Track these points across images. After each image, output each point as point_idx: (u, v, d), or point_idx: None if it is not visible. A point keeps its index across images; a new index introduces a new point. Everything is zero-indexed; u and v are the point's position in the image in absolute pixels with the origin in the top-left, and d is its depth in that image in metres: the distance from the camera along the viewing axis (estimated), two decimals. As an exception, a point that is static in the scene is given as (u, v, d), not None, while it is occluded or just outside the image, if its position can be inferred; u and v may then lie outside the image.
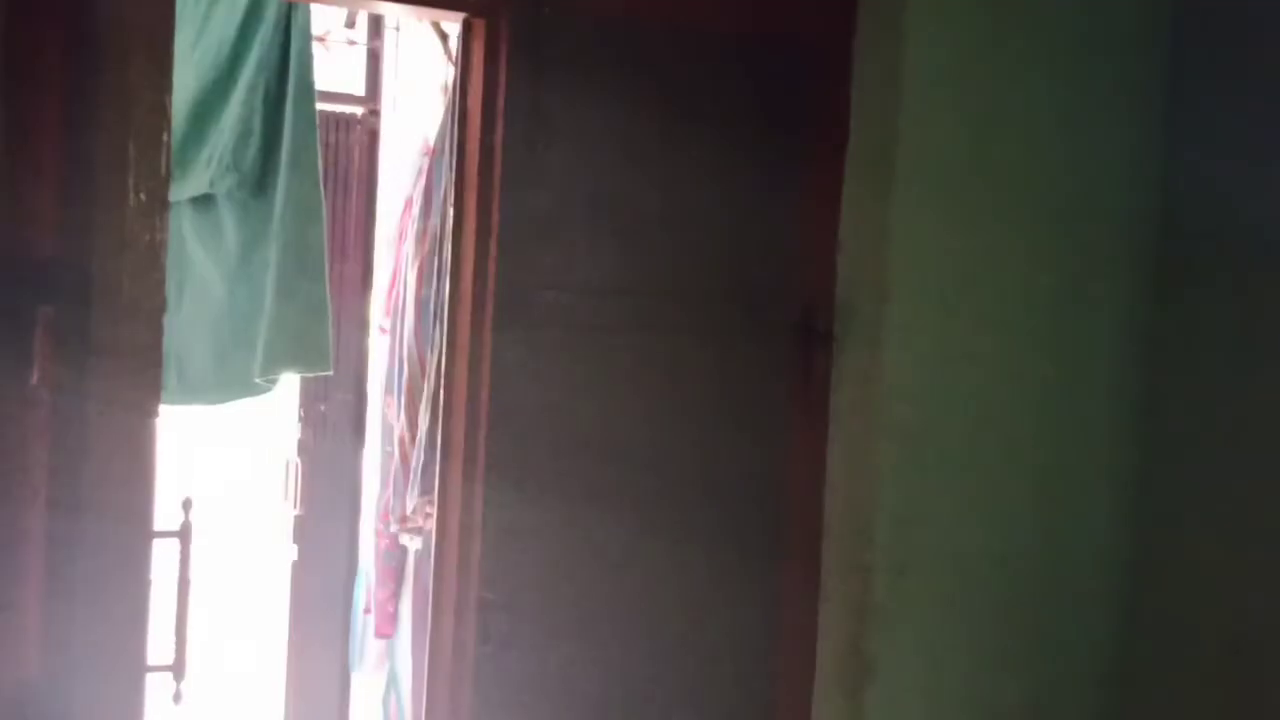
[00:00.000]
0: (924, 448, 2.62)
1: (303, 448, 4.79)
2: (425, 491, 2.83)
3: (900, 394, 2.60)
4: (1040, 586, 2.76)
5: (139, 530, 1.72)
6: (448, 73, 2.98)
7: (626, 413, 2.51)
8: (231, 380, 3.10)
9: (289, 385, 4.35)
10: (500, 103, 2.37)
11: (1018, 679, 2.75)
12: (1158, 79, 2.80)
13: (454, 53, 2.63)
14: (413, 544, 3.11)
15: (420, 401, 2.92)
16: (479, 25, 2.39)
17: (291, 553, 4.62)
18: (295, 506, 4.69)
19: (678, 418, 2.55)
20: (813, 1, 2.58)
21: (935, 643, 2.66)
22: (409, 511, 2.96)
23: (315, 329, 3.02)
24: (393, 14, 3.13)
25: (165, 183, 1.60)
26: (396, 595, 3.34)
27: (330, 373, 3.35)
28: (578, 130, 2.44)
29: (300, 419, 4.74)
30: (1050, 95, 2.73)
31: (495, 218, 2.41)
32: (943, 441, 2.64)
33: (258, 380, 3.08)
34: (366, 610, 3.53)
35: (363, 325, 4.40)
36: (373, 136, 4.83)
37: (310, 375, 3.33)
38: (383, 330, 3.55)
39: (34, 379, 1.90)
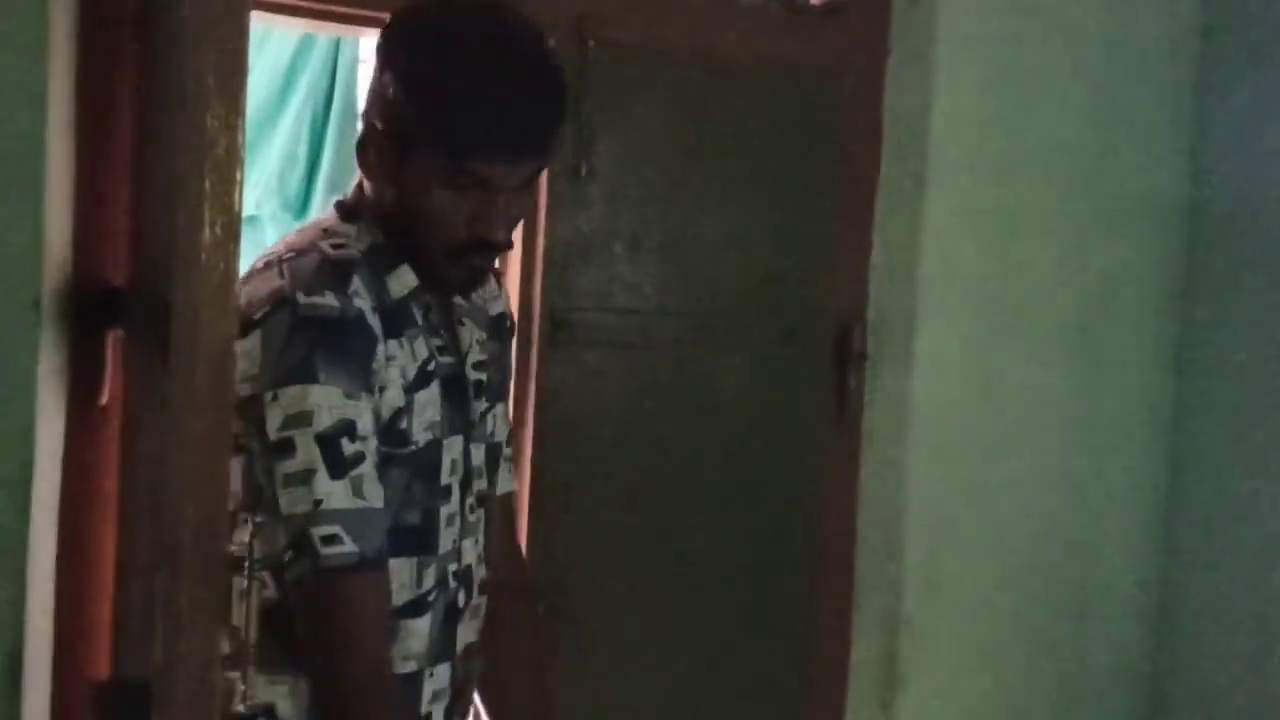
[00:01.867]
0: (955, 463, 2.69)
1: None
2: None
3: (932, 411, 2.68)
4: (1070, 601, 2.83)
5: (214, 549, 1.81)
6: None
7: (667, 430, 2.59)
8: None
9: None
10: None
11: (1047, 693, 2.82)
12: (1187, 92, 2.86)
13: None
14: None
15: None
16: (526, 57, 2.48)
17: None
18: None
19: (717, 434, 2.63)
20: (847, 34, 2.66)
21: (966, 655, 2.73)
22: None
23: None
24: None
25: (238, 217, 1.70)
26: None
27: None
28: (619, 158, 2.52)
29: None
30: (1079, 118, 2.81)
31: (540, 243, 2.50)
32: (973, 457, 2.72)
33: None
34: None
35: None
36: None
37: None
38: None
39: (104, 399, 2.00)
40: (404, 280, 1.63)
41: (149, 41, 1.84)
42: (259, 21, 2.15)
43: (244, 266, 3.30)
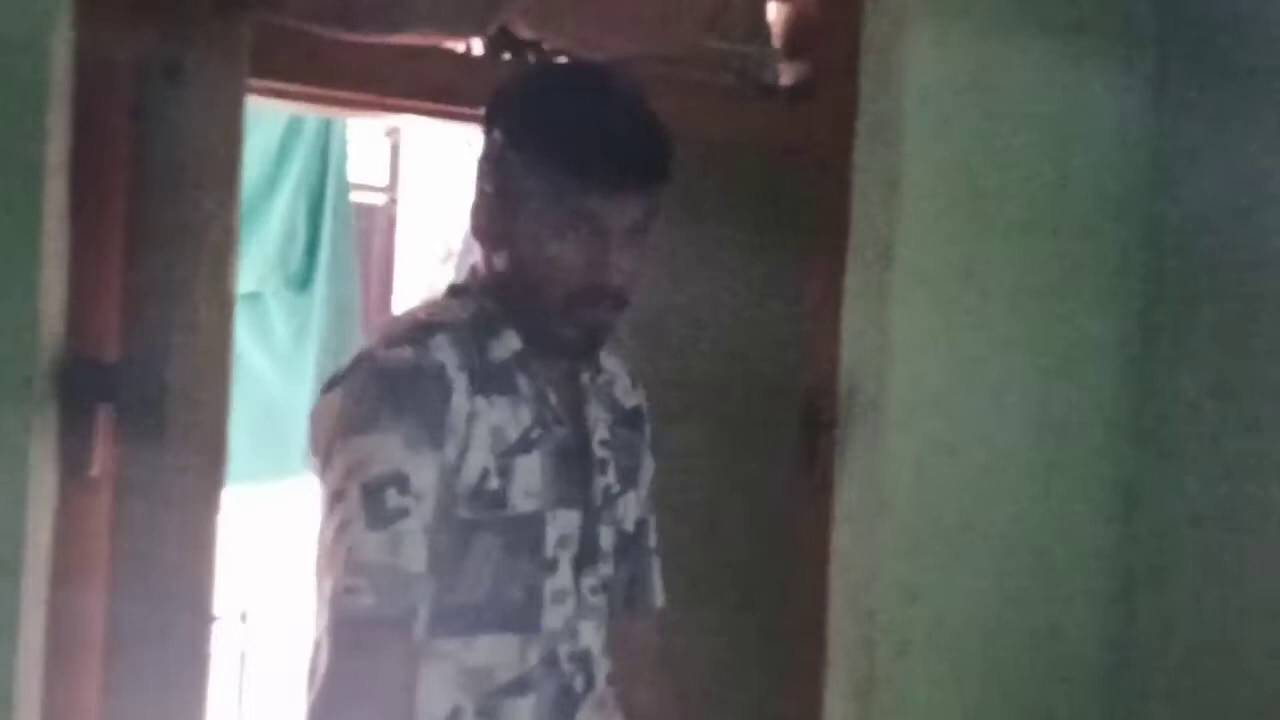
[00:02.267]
0: (924, 530, 2.76)
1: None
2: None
3: (901, 479, 2.75)
4: (1038, 666, 2.89)
5: (199, 617, 1.86)
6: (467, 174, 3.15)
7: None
8: (280, 465, 3.29)
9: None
10: (525, 208, 2.53)
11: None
12: (1146, 158, 2.95)
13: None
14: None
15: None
16: (507, 137, 2.56)
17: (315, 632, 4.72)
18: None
19: (687, 504, 2.69)
20: (816, 117, 2.75)
21: (937, 717, 2.78)
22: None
23: None
24: (425, 127, 3.32)
25: (233, 298, 1.77)
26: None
27: None
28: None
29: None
30: (1041, 193, 2.90)
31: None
32: (942, 524, 2.79)
33: (298, 465, 3.27)
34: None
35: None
36: (391, 223, 5.02)
37: None
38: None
39: (94, 470, 2.05)
40: (507, 344, 1.61)
41: (144, 126, 1.92)
42: (250, 104, 2.22)
43: (244, 343, 3.35)
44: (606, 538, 1.69)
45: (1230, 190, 2.83)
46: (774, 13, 2.77)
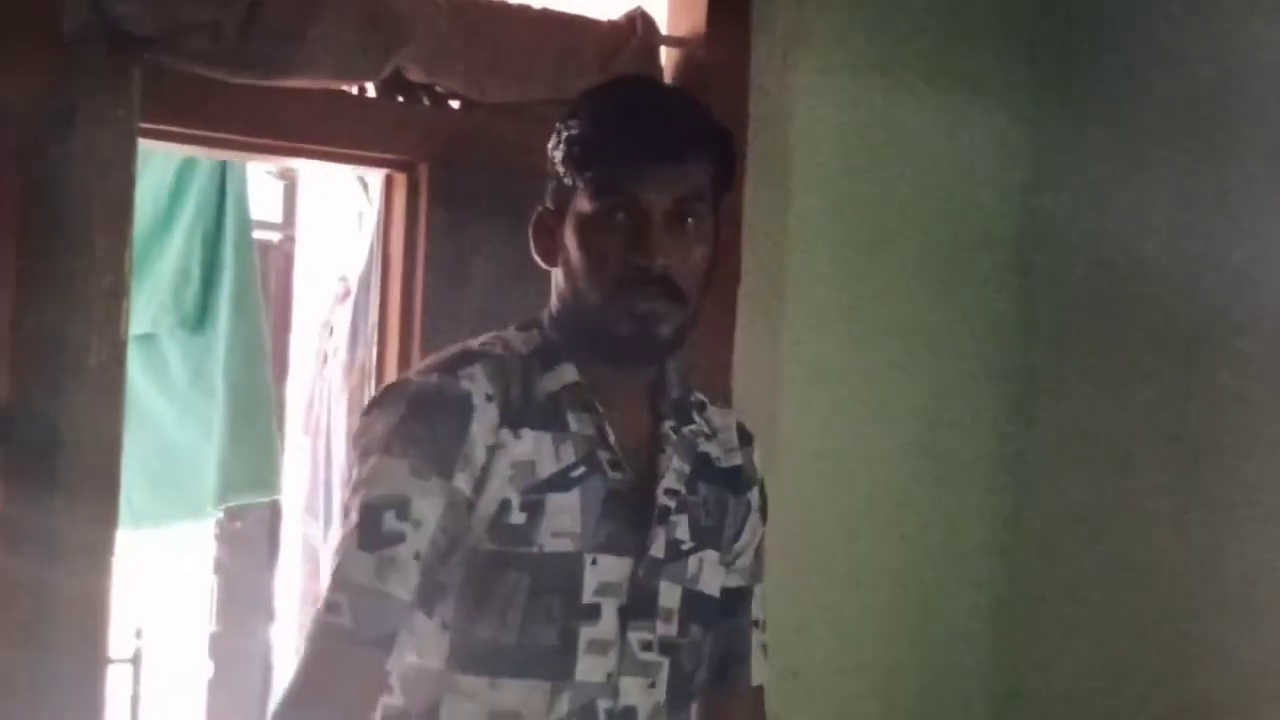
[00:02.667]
0: (811, 560, 2.82)
1: (219, 565, 4.88)
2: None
3: (789, 510, 2.80)
4: (925, 695, 2.96)
5: (94, 658, 1.86)
6: (366, 210, 3.17)
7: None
8: (178, 507, 3.27)
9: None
10: (421, 248, 2.57)
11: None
12: (1018, 191, 3.07)
13: (374, 198, 2.83)
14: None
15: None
16: (400, 179, 2.60)
17: (207, 670, 4.69)
18: (211, 623, 4.77)
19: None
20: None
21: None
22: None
23: (267, 459, 3.24)
24: (320, 170, 3.33)
25: (124, 344, 1.78)
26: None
27: (280, 497, 3.55)
28: (493, 270, 2.63)
29: (216, 536, 4.83)
30: (924, 231, 2.99)
31: (417, 352, 2.59)
32: (829, 554, 2.86)
33: (206, 507, 3.26)
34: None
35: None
36: (288, 261, 5.00)
37: (262, 499, 3.54)
38: (300, 449, 3.70)
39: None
40: (561, 376, 1.57)
41: (35, 171, 1.92)
42: (144, 145, 2.23)
43: (139, 384, 3.30)
44: (670, 595, 1.59)
45: (1102, 228, 2.94)
46: (665, 57, 2.83)
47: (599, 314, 1.55)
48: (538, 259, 1.63)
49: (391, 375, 2.60)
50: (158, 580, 4.53)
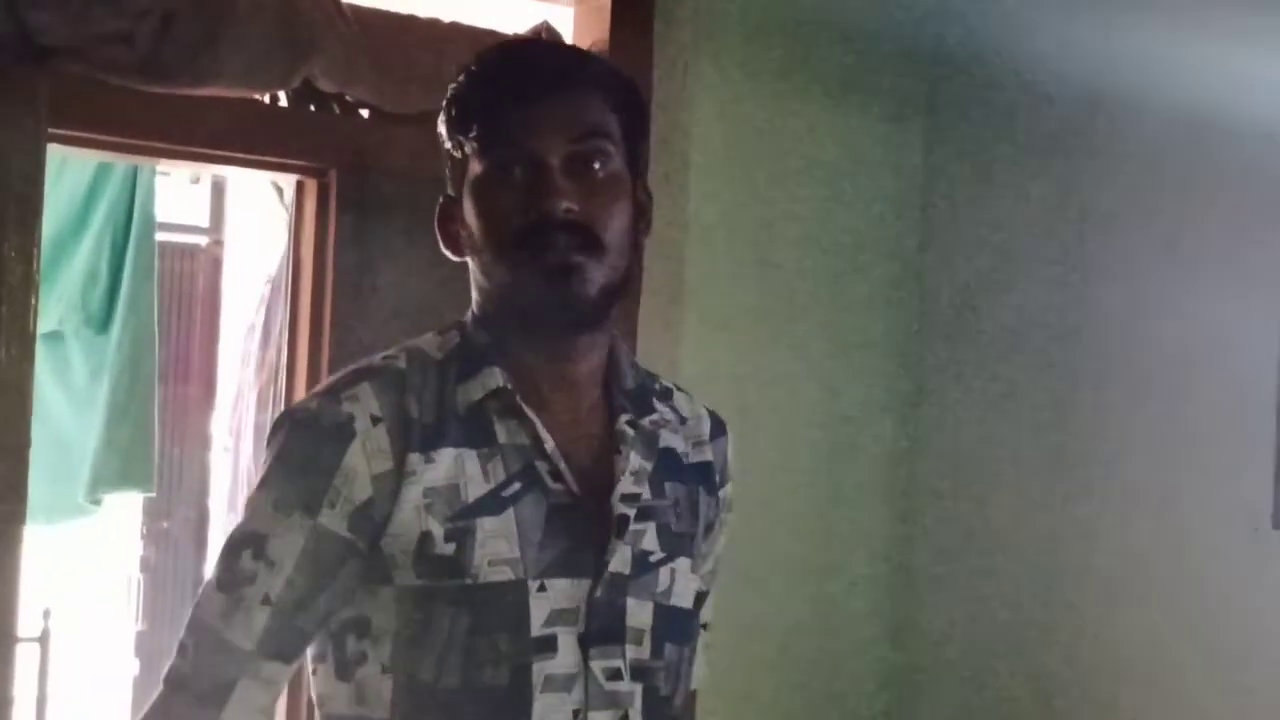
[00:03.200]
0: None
1: (145, 564, 4.94)
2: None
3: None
4: (818, 694, 3.08)
5: (2, 637, 1.95)
6: (283, 216, 3.26)
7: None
8: (66, 502, 3.35)
9: (133, 503, 4.53)
10: (331, 251, 2.67)
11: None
12: (916, 208, 3.20)
13: (288, 203, 2.92)
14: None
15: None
16: (311, 184, 2.70)
17: (134, 667, 4.75)
18: (137, 622, 4.83)
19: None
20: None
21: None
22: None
23: (141, 453, 3.32)
24: (231, 175, 3.42)
25: (33, 339, 1.87)
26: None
27: (153, 493, 3.63)
28: (400, 274, 2.73)
29: (143, 536, 4.90)
30: (819, 240, 3.12)
31: (327, 352, 2.68)
32: (726, 554, 2.96)
33: (82, 501, 3.33)
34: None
35: (205, 444, 4.59)
36: (216, 264, 5.07)
37: (134, 493, 3.61)
38: (226, 449, 3.78)
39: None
40: (485, 382, 1.39)
41: (-55, 175, 2.00)
42: (55, 152, 2.31)
43: (42, 380, 3.38)
44: (639, 614, 1.41)
45: (989, 243, 3.09)
46: (571, 68, 2.94)
47: (510, 284, 1.38)
48: (446, 252, 1.47)
49: (301, 375, 2.70)
50: (74, 569, 4.58)
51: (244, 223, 4.71)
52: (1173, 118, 2.74)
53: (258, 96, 2.59)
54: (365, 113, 2.70)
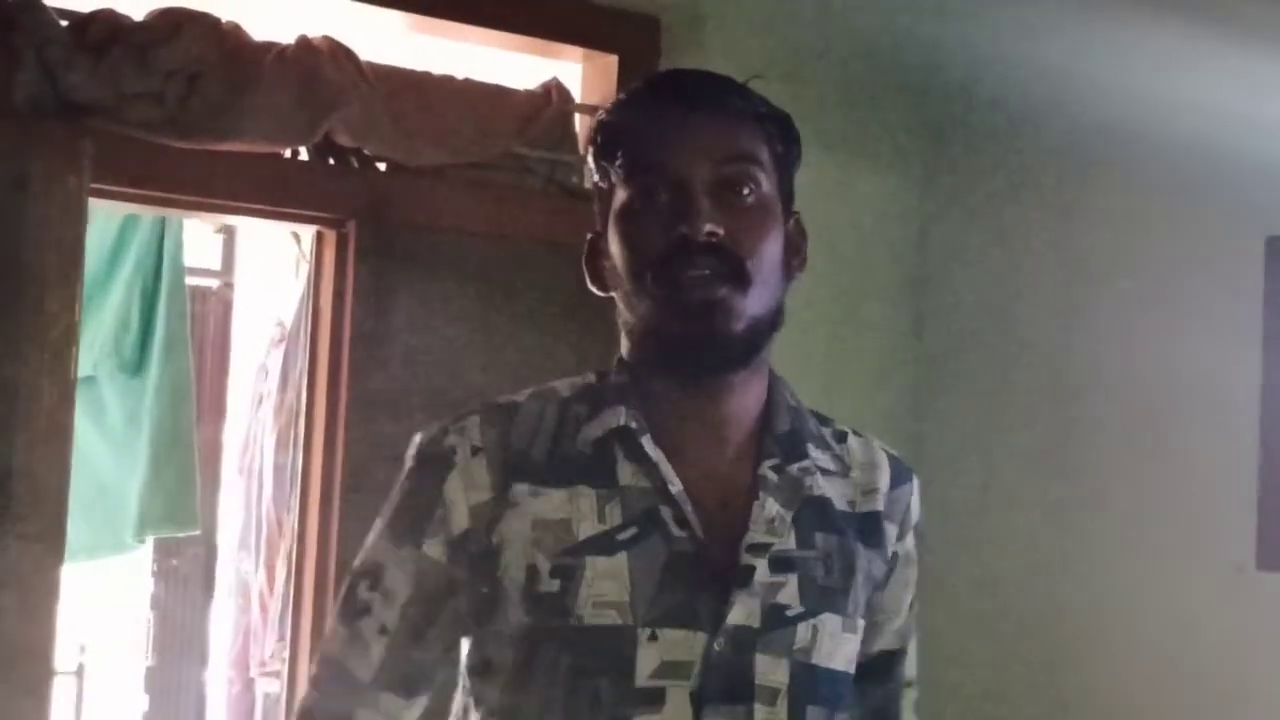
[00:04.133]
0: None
1: (155, 601, 5.00)
2: (283, 637, 3.15)
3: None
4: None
5: (42, 670, 2.03)
6: (299, 262, 3.36)
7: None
8: (105, 540, 3.44)
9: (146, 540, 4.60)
10: (349, 301, 2.76)
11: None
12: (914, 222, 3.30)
13: (307, 252, 3.02)
14: (270, 688, 3.41)
15: (279, 557, 3.25)
16: (330, 235, 2.79)
17: (143, 703, 4.81)
18: (147, 657, 4.89)
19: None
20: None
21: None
22: (267, 656, 3.27)
23: (186, 494, 3.41)
24: (253, 227, 3.53)
25: (74, 385, 1.96)
26: (248, 740, 3.60)
27: (198, 531, 3.71)
28: (416, 323, 2.82)
29: (153, 573, 4.96)
30: (819, 283, 3.21)
31: (344, 397, 2.77)
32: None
33: (129, 540, 3.42)
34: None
35: (214, 484, 4.66)
36: (226, 307, 5.15)
37: (180, 535, 3.71)
38: (237, 486, 3.86)
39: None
40: (605, 421, 1.34)
41: (-9, 228, 2.09)
42: (92, 206, 2.40)
43: (79, 424, 3.47)
44: (773, 672, 1.32)
45: (983, 283, 3.19)
46: (579, 123, 3.04)
47: (651, 316, 1.32)
48: (592, 287, 1.41)
49: (320, 419, 2.79)
50: (99, 606, 4.66)
51: (254, 266, 4.80)
52: (1163, 174, 2.85)
53: (280, 151, 2.69)
54: (383, 166, 2.80)
